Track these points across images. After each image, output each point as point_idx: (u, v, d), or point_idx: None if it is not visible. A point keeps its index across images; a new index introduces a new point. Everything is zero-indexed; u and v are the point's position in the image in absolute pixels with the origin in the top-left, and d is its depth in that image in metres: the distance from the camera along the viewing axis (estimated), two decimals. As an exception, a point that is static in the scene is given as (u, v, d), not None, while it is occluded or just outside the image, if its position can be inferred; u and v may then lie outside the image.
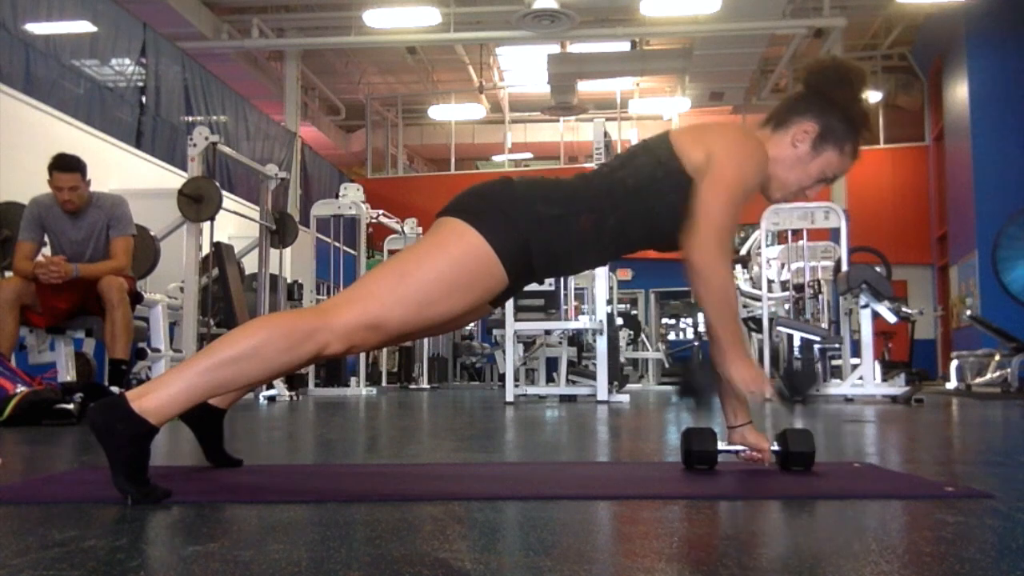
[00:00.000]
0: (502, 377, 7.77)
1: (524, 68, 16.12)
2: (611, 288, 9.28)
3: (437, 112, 17.32)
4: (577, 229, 1.75)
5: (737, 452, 1.96)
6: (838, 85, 1.86)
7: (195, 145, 6.11)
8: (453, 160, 17.81)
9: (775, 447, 1.92)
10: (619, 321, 9.77)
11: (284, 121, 13.79)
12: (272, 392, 6.37)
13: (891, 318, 6.49)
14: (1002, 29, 12.12)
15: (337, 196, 9.38)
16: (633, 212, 1.79)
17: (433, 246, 1.70)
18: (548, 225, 1.72)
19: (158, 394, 1.53)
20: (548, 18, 11.82)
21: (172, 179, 8.14)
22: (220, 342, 1.59)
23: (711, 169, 1.75)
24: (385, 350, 10.42)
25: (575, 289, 8.69)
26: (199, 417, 1.94)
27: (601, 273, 6.48)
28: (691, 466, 1.97)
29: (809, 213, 7.52)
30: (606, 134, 6.37)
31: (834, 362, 7.85)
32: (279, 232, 7.28)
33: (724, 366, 1.78)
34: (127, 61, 8.90)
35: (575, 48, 14.47)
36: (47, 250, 4.46)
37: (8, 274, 4.70)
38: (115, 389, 4.08)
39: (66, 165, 4.31)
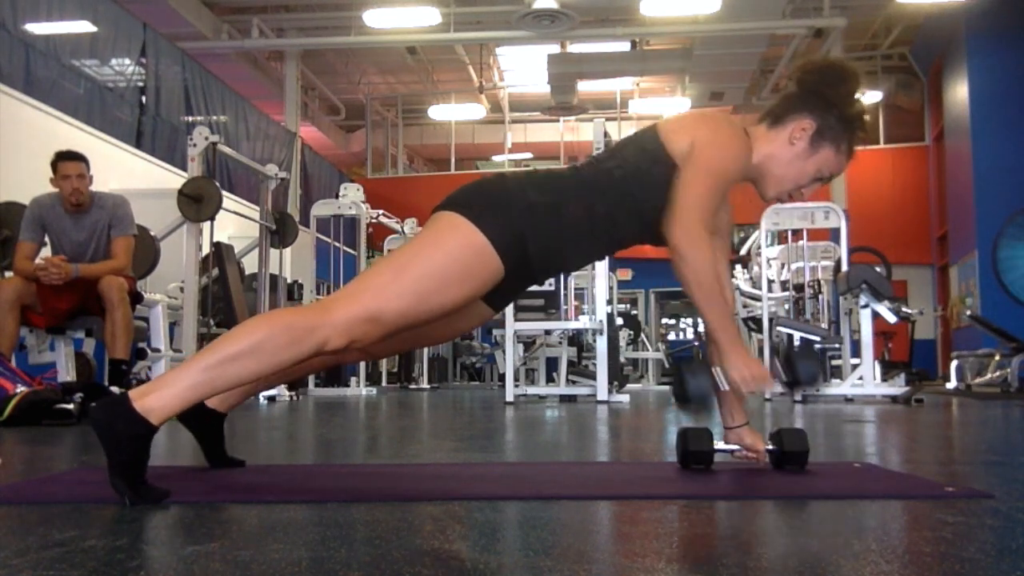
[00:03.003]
0: (502, 377, 7.77)
1: (524, 68, 16.11)
2: (611, 288, 9.27)
3: (437, 112, 17.32)
4: (569, 218, 1.78)
5: (732, 452, 1.99)
6: (835, 84, 1.88)
7: (195, 145, 6.11)
8: (453, 160, 17.81)
9: (770, 447, 1.95)
10: (619, 321, 9.76)
11: (284, 121, 13.78)
12: (272, 392, 6.36)
13: (891, 318, 6.48)
14: (1002, 29, 12.11)
15: (337, 196, 9.38)
16: (622, 200, 1.82)
17: (429, 239, 1.73)
18: (540, 213, 1.75)
19: (160, 392, 1.53)
20: (548, 18, 11.81)
21: (172, 179, 8.14)
22: (222, 339, 1.61)
23: (694, 154, 1.78)
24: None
25: (575, 289, 8.69)
26: (197, 418, 1.95)
27: (601, 273, 6.48)
28: (687, 465, 1.97)
29: (809, 213, 7.51)
30: (606, 134, 6.36)
31: (834, 362, 7.84)
32: (279, 232, 7.28)
33: (721, 364, 1.77)
34: (127, 61, 8.90)
35: (575, 48, 14.46)
36: (47, 250, 4.46)
37: (8, 274, 4.70)
38: (115, 389, 4.08)
39: (70, 154, 4.43)
